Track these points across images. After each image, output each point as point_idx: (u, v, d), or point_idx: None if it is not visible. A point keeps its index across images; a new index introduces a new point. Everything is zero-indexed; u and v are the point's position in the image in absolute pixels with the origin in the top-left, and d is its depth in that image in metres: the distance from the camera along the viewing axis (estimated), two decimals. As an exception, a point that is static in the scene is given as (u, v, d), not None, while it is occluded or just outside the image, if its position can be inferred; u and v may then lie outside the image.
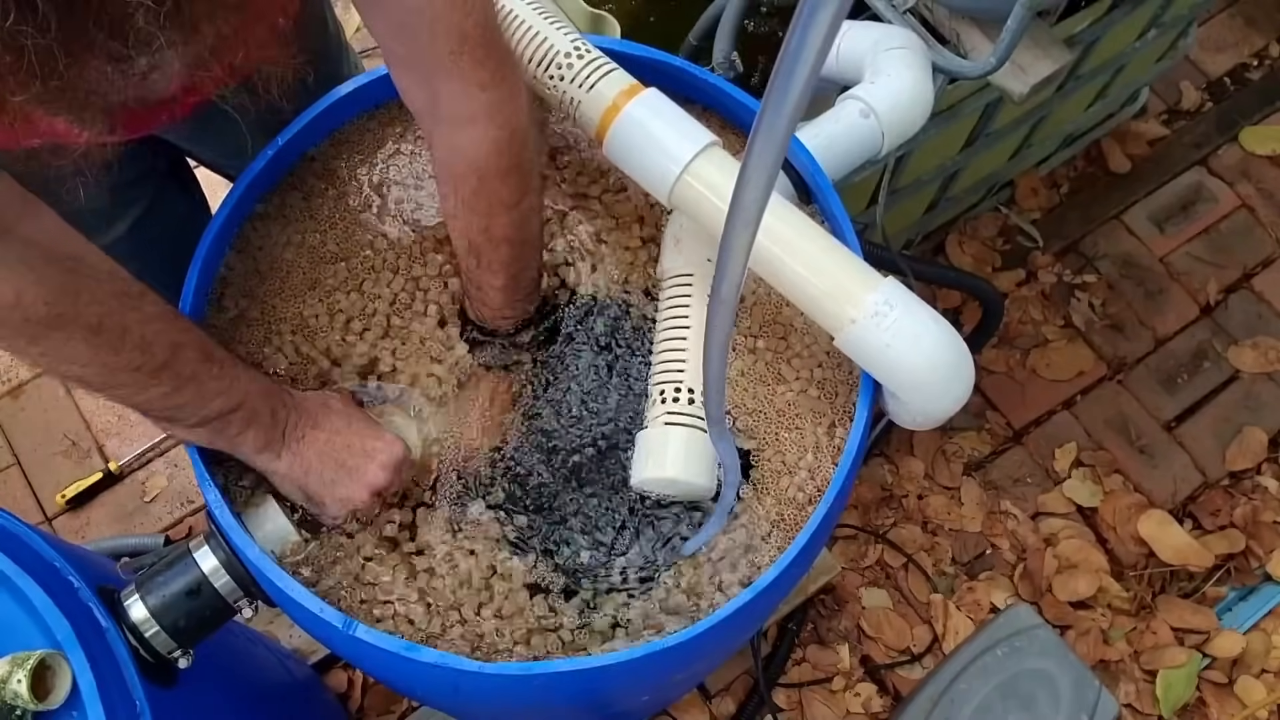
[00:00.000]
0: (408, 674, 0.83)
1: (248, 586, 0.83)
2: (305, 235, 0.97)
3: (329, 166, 1.00)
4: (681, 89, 1.00)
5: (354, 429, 0.85)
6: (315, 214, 0.98)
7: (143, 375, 0.74)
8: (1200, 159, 2.07)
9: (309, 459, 0.83)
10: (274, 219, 0.97)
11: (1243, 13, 2.23)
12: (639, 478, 0.87)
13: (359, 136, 1.01)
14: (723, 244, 0.47)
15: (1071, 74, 1.59)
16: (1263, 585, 1.72)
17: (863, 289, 0.79)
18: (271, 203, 0.98)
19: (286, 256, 0.96)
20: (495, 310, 0.92)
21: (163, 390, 0.76)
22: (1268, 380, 1.87)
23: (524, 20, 0.91)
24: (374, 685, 1.59)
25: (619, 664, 0.76)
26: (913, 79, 1.02)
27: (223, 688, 1.02)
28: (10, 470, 1.78)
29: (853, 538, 1.72)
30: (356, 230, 0.97)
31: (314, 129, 0.98)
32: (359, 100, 1.00)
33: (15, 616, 0.78)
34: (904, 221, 1.76)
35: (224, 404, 0.79)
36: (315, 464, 0.83)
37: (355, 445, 0.84)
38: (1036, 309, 1.91)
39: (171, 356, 0.75)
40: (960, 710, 1.30)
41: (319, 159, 1.00)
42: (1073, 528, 1.74)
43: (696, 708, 1.59)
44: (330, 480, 0.84)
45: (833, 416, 0.89)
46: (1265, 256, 1.98)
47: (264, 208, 0.98)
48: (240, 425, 0.80)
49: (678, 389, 0.87)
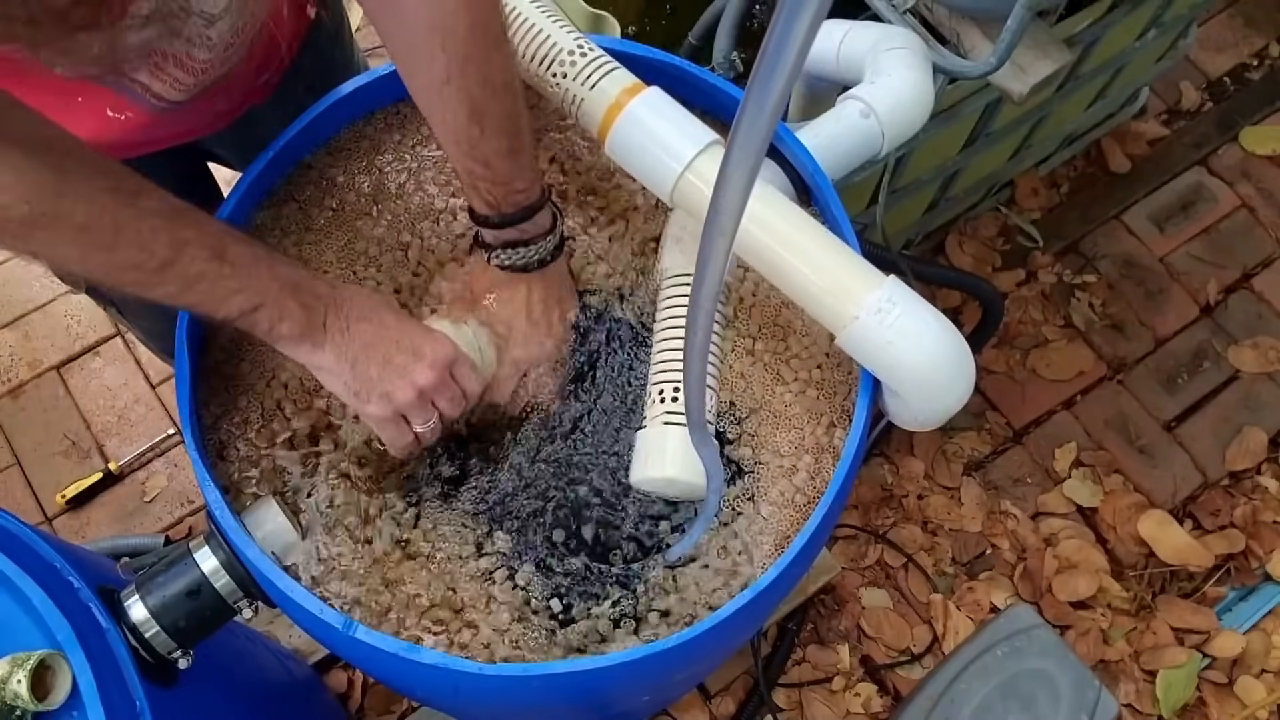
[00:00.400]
0: (407, 675, 0.83)
1: (248, 587, 0.83)
2: (302, 247, 0.96)
3: (326, 174, 0.99)
4: (681, 89, 1.00)
5: (404, 326, 0.83)
6: (312, 224, 0.97)
7: (145, 274, 0.72)
8: (1200, 159, 2.07)
9: (354, 351, 0.80)
10: (269, 230, 0.96)
11: (1243, 13, 2.23)
12: (638, 477, 0.87)
13: (355, 143, 1.00)
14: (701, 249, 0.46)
15: (1071, 74, 1.59)
16: (1263, 585, 1.72)
17: (865, 286, 0.79)
18: (268, 212, 0.97)
19: None
20: (505, 184, 0.85)
21: (170, 290, 0.74)
22: (1268, 380, 1.87)
23: (527, 18, 0.91)
24: (374, 685, 1.59)
25: (619, 665, 0.76)
26: (913, 79, 1.02)
27: (223, 688, 1.02)
28: (10, 470, 1.78)
29: (853, 538, 1.72)
30: (356, 240, 0.97)
31: (310, 134, 0.98)
32: (356, 104, 0.99)
33: (15, 616, 0.78)
34: (904, 221, 1.76)
35: (244, 302, 0.76)
36: (361, 357, 0.80)
37: (404, 342, 0.82)
38: (1036, 309, 1.91)
39: (174, 255, 0.72)
40: (960, 710, 1.30)
41: (315, 167, 0.99)
42: (1073, 528, 1.74)
43: (696, 708, 1.59)
44: (375, 376, 0.81)
45: (832, 417, 0.89)
46: (1265, 256, 1.98)
47: (261, 217, 0.97)
48: (270, 321, 0.77)
49: (676, 388, 0.87)
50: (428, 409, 0.84)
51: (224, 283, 0.75)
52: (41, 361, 1.87)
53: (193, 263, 0.73)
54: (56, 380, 1.86)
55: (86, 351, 1.88)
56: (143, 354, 1.87)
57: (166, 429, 1.80)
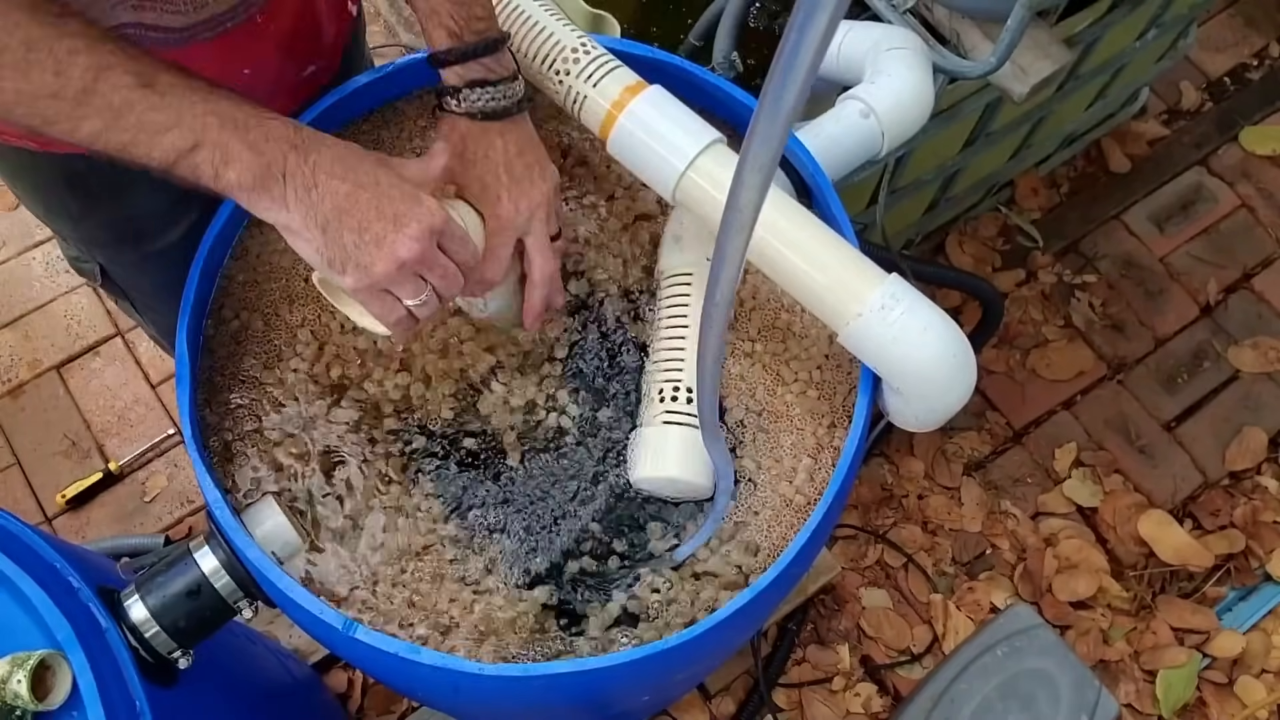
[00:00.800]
0: (408, 675, 0.83)
1: (248, 587, 0.83)
2: None
3: None
4: (681, 89, 1.00)
5: (383, 186, 0.72)
6: None
7: (64, 105, 0.65)
8: (1200, 159, 2.07)
9: (324, 213, 0.71)
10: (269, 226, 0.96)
11: (1243, 13, 2.23)
12: (637, 475, 0.87)
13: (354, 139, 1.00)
14: (717, 246, 0.47)
15: (1071, 74, 1.59)
16: (1263, 585, 1.72)
17: (868, 284, 0.79)
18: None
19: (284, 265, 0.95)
20: (465, 7, 0.81)
21: (95, 126, 0.66)
22: (1268, 380, 1.87)
23: (529, 15, 0.91)
24: (374, 685, 1.59)
25: (619, 665, 0.76)
26: (913, 79, 1.02)
27: (223, 688, 1.02)
28: (10, 470, 1.78)
29: (853, 538, 1.72)
30: None
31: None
32: (358, 101, 0.99)
33: (15, 616, 0.78)
34: (904, 221, 1.76)
35: (178, 140, 0.67)
36: (333, 221, 0.71)
37: (385, 207, 0.72)
38: (1036, 309, 1.91)
39: (94, 81, 0.65)
40: (960, 710, 1.30)
41: None
42: (1073, 528, 1.74)
43: (696, 708, 1.59)
44: (350, 245, 0.72)
45: (832, 418, 0.89)
46: (1265, 256, 1.98)
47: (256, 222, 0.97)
48: (212, 165, 0.68)
49: (676, 388, 0.87)
50: (416, 283, 0.75)
51: (153, 115, 0.67)
52: (41, 361, 1.87)
53: (115, 90, 0.66)
54: (56, 380, 1.86)
55: (86, 351, 1.88)
56: (143, 354, 1.87)
57: (166, 429, 1.80)
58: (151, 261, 1.03)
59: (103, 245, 1.04)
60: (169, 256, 0.94)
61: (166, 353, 1.39)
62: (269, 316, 0.94)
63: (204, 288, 0.92)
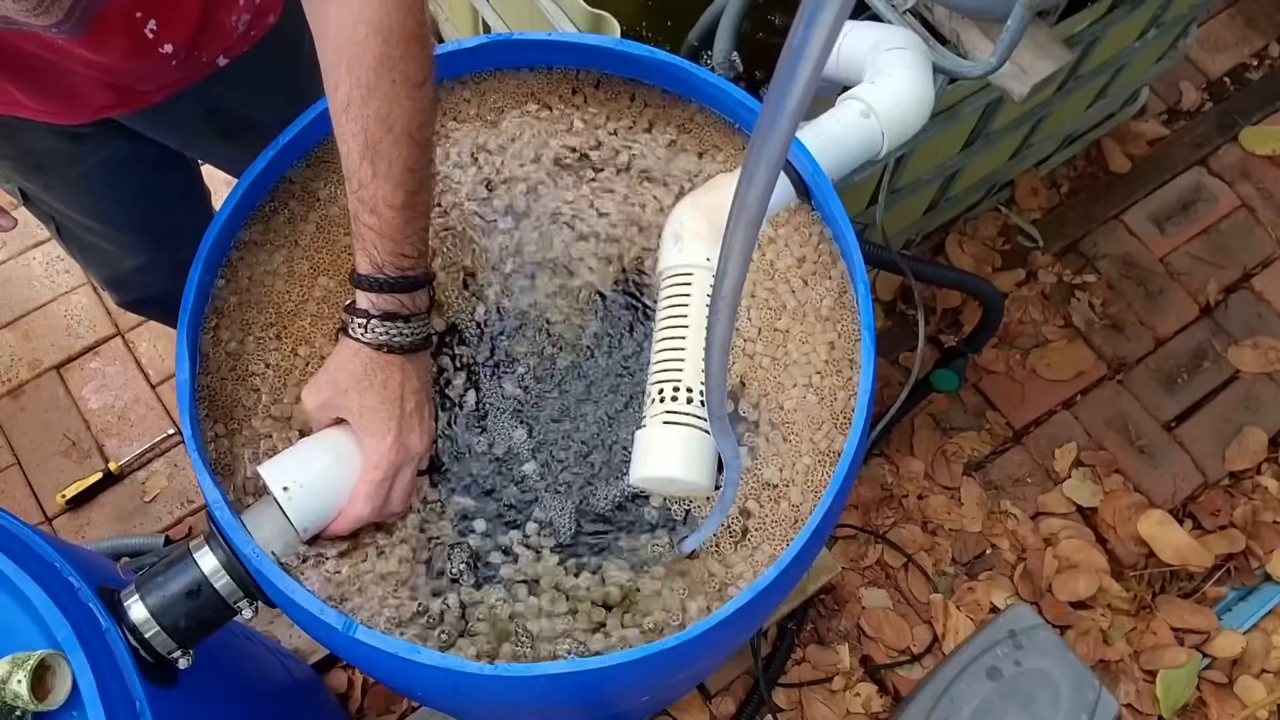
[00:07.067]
0: (408, 675, 0.83)
1: (248, 587, 0.83)
2: (292, 264, 0.95)
3: (308, 189, 0.98)
4: (681, 89, 1.00)
5: None
6: (299, 240, 0.96)
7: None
8: (1200, 159, 2.07)
9: None
10: (260, 246, 0.96)
11: (1243, 13, 2.23)
12: (637, 475, 0.87)
13: (332, 154, 0.98)
14: (724, 242, 0.47)
15: (1071, 74, 1.59)
16: (1263, 585, 1.72)
17: None
18: (255, 229, 0.96)
19: (277, 286, 0.94)
20: (393, 242, 0.81)
21: None
22: (1268, 380, 1.87)
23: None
24: (374, 685, 1.59)
25: (619, 665, 0.76)
26: (913, 79, 1.02)
27: (223, 688, 1.02)
28: (10, 470, 1.78)
29: (853, 538, 1.72)
30: (344, 256, 0.96)
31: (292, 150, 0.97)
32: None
33: (15, 616, 0.78)
34: (904, 221, 1.76)
35: None
36: None
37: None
38: (1036, 309, 1.91)
39: None
40: (960, 710, 1.30)
41: (298, 181, 0.98)
42: (1073, 528, 1.74)
43: (696, 708, 1.59)
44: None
45: (831, 419, 0.90)
46: (1265, 256, 1.98)
47: (250, 234, 0.96)
48: None
49: (676, 388, 0.87)
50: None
51: None
52: (41, 361, 1.87)
53: None
54: (56, 380, 1.86)
55: (86, 351, 1.88)
56: (143, 354, 1.87)
57: (166, 429, 1.80)
58: (60, 189, 1.10)
59: (13, 171, 1.11)
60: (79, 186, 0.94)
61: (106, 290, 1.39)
62: (269, 316, 0.94)
63: (205, 282, 0.92)
